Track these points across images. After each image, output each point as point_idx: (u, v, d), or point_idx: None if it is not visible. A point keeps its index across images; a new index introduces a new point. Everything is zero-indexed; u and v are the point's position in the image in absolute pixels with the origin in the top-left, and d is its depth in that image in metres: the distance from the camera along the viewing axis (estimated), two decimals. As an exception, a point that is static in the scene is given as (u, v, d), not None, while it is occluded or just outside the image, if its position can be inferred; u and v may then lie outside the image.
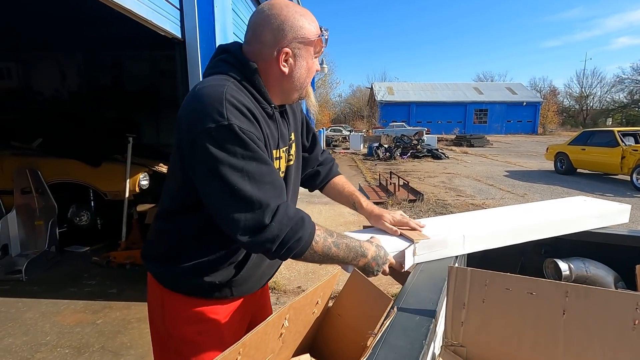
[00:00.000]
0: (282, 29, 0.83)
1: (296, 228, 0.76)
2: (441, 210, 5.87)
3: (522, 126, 39.36)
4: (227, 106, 0.74)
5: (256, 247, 0.75)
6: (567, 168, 10.02)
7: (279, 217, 0.74)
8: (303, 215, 0.80)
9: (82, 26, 4.73)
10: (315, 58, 0.91)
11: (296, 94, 0.92)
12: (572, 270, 1.24)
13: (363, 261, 0.87)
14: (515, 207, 1.41)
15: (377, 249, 0.91)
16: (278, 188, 0.78)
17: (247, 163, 0.73)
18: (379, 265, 0.90)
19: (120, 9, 1.80)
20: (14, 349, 2.30)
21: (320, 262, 0.83)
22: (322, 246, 0.81)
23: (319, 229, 0.83)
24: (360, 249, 0.87)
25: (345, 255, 0.84)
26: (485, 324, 0.78)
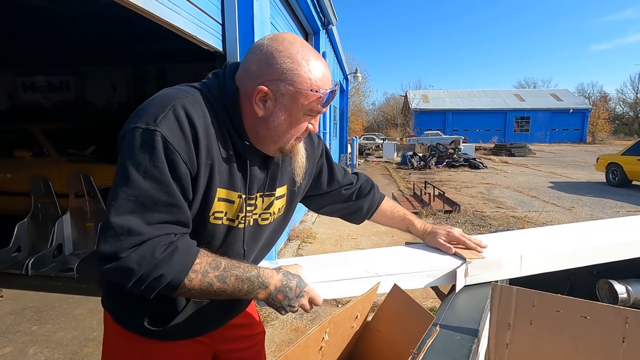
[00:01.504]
0: (269, 63, 0.70)
1: (160, 264, 0.63)
2: (479, 223, 5.63)
3: (568, 134, 37.08)
4: (168, 114, 0.66)
5: (112, 276, 0.64)
6: (621, 180, 9.28)
7: (141, 251, 0.62)
8: (177, 247, 0.66)
9: (132, 41, 5.09)
10: (307, 115, 0.75)
11: (274, 146, 0.78)
12: (630, 294, 1.14)
13: (263, 294, 0.72)
14: (576, 225, 1.30)
15: (286, 279, 0.74)
16: (172, 222, 0.66)
17: (145, 181, 0.63)
18: (290, 299, 0.73)
19: (169, 26, 1.92)
20: (64, 342, 2.47)
21: (203, 298, 0.73)
22: (199, 283, 0.67)
23: (200, 262, 0.67)
24: (259, 279, 0.71)
25: (235, 288, 0.69)
26: (532, 347, 0.74)
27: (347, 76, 14.71)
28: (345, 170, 1.11)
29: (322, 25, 6.51)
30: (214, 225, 0.76)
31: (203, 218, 0.75)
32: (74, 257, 3.73)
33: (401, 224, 1.12)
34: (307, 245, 4.63)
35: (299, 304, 0.74)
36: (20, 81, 6.66)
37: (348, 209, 1.10)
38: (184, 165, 0.66)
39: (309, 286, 0.76)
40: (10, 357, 2.31)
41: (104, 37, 4.98)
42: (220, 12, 2.59)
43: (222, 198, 0.75)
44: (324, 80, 0.73)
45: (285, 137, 0.76)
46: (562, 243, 1.08)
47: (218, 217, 0.76)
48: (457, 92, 42.47)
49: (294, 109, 0.73)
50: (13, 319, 2.76)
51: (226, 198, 0.76)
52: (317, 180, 1.02)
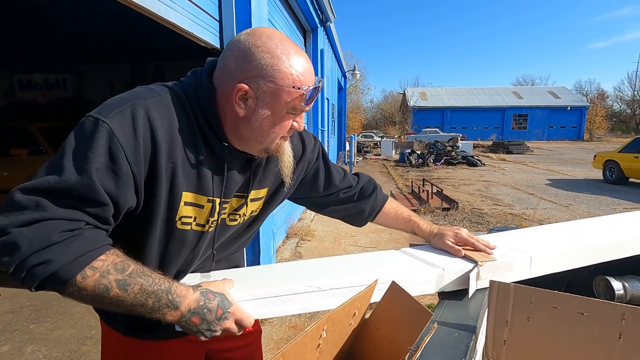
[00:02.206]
0: (248, 59, 0.66)
1: (50, 248, 0.54)
2: (477, 220, 5.64)
3: (565, 132, 37.18)
4: (125, 110, 0.62)
5: None
6: (618, 177, 9.31)
7: (36, 228, 0.54)
8: (81, 234, 0.57)
9: (130, 39, 5.06)
10: (290, 114, 0.71)
11: (258, 146, 0.74)
12: (627, 290, 1.15)
13: (173, 315, 0.61)
14: (575, 222, 1.29)
15: (204, 298, 0.63)
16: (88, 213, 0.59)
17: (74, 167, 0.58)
18: (210, 322, 0.63)
19: (166, 23, 1.90)
20: (62, 340, 2.46)
21: (95, 305, 0.61)
22: (94, 283, 0.56)
23: (106, 259, 0.58)
24: (168, 295, 0.60)
25: (136, 301, 0.59)
26: (530, 344, 0.74)
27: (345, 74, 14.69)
28: (345, 172, 1.07)
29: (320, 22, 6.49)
30: (182, 230, 0.73)
31: (170, 223, 0.71)
32: (71, 255, 3.72)
33: (406, 225, 1.07)
34: (305, 242, 4.63)
35: (222, 327, 0.64)
36: (17, 79, 6.63)
37: (349, 210, 1.05)
38: (126, 164, 0.61)
39: (235, 306, 0.65)
40: (8, 355, 2.31)
41: (101, 34, 4.95)
42: (217, 9, 2.58)
43: (189, 202, 0.71)
44: (307, 76, 0.69)
45: (270, 136, 0.72)
46: (568, 242, 1.06)
47: (186, 222, 0.73)
48: (456, 90, 42.47)
49: (277, 107, 0.69)
50: (11, 317, 2.75)
51: (193, 202, 0.72)
52: (313, 183, 0.98)
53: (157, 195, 0.67)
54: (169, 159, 0.66)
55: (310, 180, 0.98)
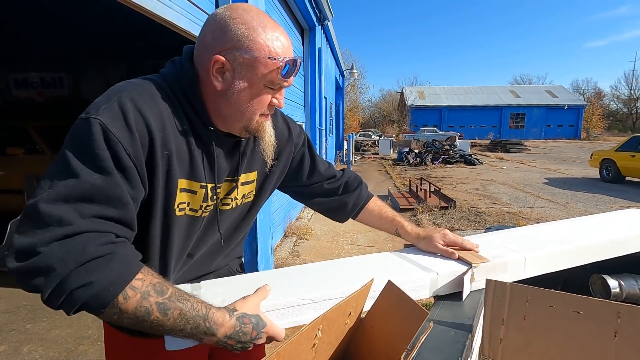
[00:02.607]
0: (224, 32, 0.66)
1: (91, 267, 0.52)
2: (475, 219, 5.66)
3: (563, 131, 37.32)
4: (113, 104, 0.61)
5: (25, 283, 0.52)
6: (614, 176, 9.36)
7: (68, 245, 0.51)
8: (117, 252, 0.55)
9: (127, 38, 5.03)
10: (269, 88, 0.70)
11: (238, 123, 0.73)
12: (623, 288, 1.15)
13: (210, 339, 0.61)
14: (569, 221, 1.29)
15: (240, 323, 0.62)
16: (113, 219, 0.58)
17: (83, 169, 0.55)
18: (244, 343, 0.63)
19: (162, 21, 1.89)
20: (59, 340, 2.45)
21: (133, 327, 0.57)
22: (135, 305, 0.54)
23: (142, 279, 0.56)
24: (206, 322, 0.59)
25: (175, 326, 0.57)
26: (526, 342, 0.74)
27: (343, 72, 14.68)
28: (330, 164, 1.07)
29: (318, 20, 6.48)
30: (179, 217, 0.73)
31: (168, 211, 0.71)
32: (68, 255, 3.70)
33: (389, 225, 1.05)
34: (303, 241, 4.63)
35: (256, 344, 0.65)
36: (13, 77, 6.58)
37: (332, 203, 1.05)
38: (127, 157, 0.60)
39: (269, 325, 0.65)
40: (5, 355, 2.30)
41: (97, 32, 4.92)
42: (213, 6, 2.57)
43: (184, 189, 0.71)
44: (284, 49, 0.68)
45: (248, 111, 0.71)
46: (563, 241, 1.06)
47: (182, 209, 0.73)
48: (453, 89, 42.53)
49: (254, 79, 0.68)
50: (7, 317, 2.74)
51: (188, 189, 0.72)
52: (298, 170, 0.98)
53: (155, 184, 0.66)
54: (164, 147, 0.66)
55: (295, 167, 0.98)
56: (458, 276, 0.86)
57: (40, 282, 0.50)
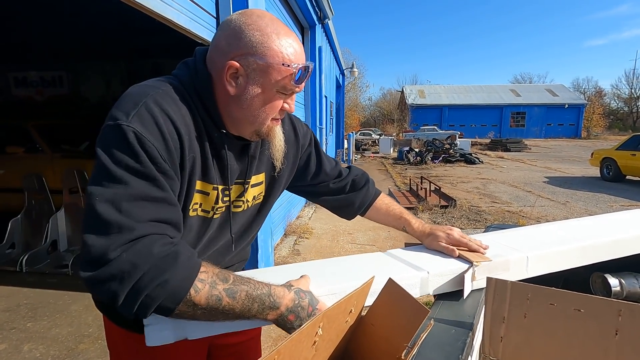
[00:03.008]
0: (238, 37, 0.67)
1: (161, 266, 0.54)
2: (475, 217, 5.66)
3: (563, 130, 37.31)
4: (141, 109, 0.61)
5: (99, 290, 0.54)
6: (615, 174, 9.36)
7: (135, 249, 0.54)
8: (179, 250, 0.58)
9: (126, 36, 5.02)
10: (281, 93, 0.71)
11: (250, 128, 0.74)
12: (624, 287, 1.15)
13: (274, 314, 0.64)
14: (573, 221, 1.28)
15: (297, 297, 0.65)
16: (165, 221, 0.60)
17: (129, 176, 0.57)
18: (302, 319, 0.65)
19: (162, 19, 1.89)
20: (60, 338, 2.46)
21: (206, 319, 0.60)
22: (206, 295, 0.57)
23: (206, 271, 0.60)
24: (270, 298, 0.63)
25: (244, 307, 0.60)
26: (527, 340, 0.74)
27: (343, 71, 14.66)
28: (337, 162, 1.07)
29: (318, 19, 6.47)
30: (191, 217, 0.74)
31: (184, 212, 0.72)
32: (68, 253, 3.70)
33: (397, 222, 1.06)
34: (303, 240, 4.64)
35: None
36: (13, 76, 6.57)
37: (339, 201, 1.05)
38: (163, 162, 0.61)
39: (321, 302, 0.68)
40: (5, 354, 2.30)
41: (97, 31, 4.91)
42: (214, 5, 2.56)
43: (198, 190, 0.73)
44: (297, 55, 0.69)
45: (260, 116, 0.72)
46: (567, 241, 1.05)
47: (194, 209, 0.74)
48: (454, 88, 42.52)
49: (267, 85, 0.69)
50: (8, 315, 2.74)
51: (201, 190, 0.73)
52: (304, 170, 0.99)
53: (181, 184, 0.68)
54: (190, 149, 0.68)
55: (302, 167, 0.99)
56: (458, 275, 0.85)
57: (115, 287, 0.53)
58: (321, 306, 0.68)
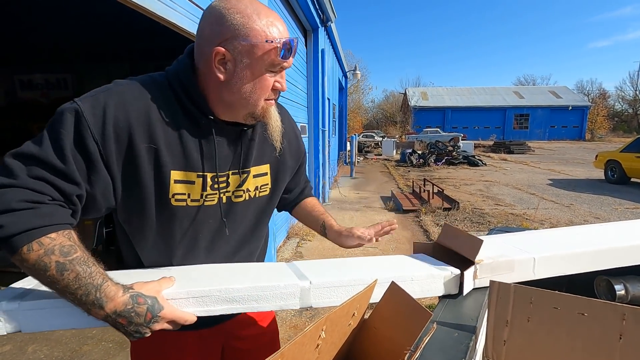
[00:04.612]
0: (221, 23, 0.68)
1: (7, 214, 0.56)
2: (478, 220, 5.63)
3: (567, 132, 37.11)
4: (97, 95, 0.67)
5: None
6: (620, 177, 9.29)
7: (2, 194, 0.57)
8: (42, 208, 0.59)
9: (130, 39, 5.06)
10: (269, 72, 0.72)
11: (243, 110, 0.74)
12: (628, 290, 1.14)
13: (100, 313, 0.61)
14: (586, 227, 1.27)
15: (132, 301, 0.61)
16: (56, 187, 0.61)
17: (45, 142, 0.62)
18: (138, 325, 0.62)
19: (165, 22, 1.91)
20: (63, 340, 2.47)
21: (34, 277, 0.61)
22: (36, 259, 0.58)
23: (56, 238, 0.59)
24: (97, 293, 0.60)
25: (67, 287, 0.59)
26: (530, 344, 0.74)
27: (346, 74, 14.68)
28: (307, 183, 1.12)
29: (321, 22, 6.49)
30: (177, 207, 0.74)
31: (164, 202, 0.73)
32: (72, 255, 3.72)
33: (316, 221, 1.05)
34: (306, 242, 4.63)
35: (152, 329, 0.63)
36: (18, 79, 6.64)
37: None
38: (93, 143, 0.63)
39: (167, 309, 0.63)
40: (10, 355, 2.31)
41: (101, 34, 4.95)
42: (218, 9, 2.58)
43: (179, 180, 0.72)
44: (280, 32, 0.70)
45: (252, 98, 0.72)
46: (579, 244, 1.03)
47: (180, 199, 0.74)
48: (457, 90, 42.44)
49: (255, 65, 0.70)
50: (12, 317, 2.75)
51: (184, 179, 0.73)
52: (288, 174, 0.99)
53: (142, 176, 0.69)
54: (149, 139, 0.68)
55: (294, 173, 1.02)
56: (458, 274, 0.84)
57: None
58: (165, 313, 0.63)
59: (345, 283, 0.76)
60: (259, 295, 0.71)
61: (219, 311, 0.70)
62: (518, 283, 0.89)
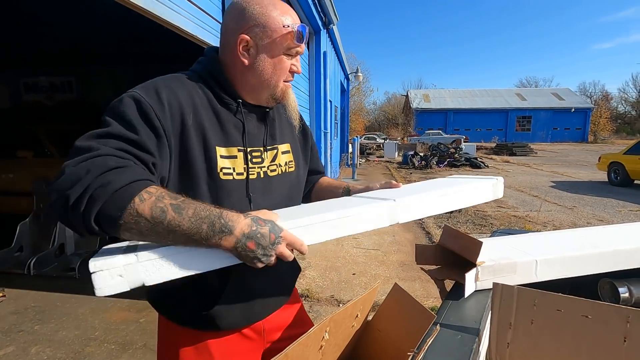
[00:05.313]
0: (243, 15, 0.78)
1: (111, 172, 0.58)
2: (480, 222, 5.62)
3: (570, 134, 36.99)
4: (148, 85, 0.74)
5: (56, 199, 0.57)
6: (623, 179, 9.24)
7: (92, 160, 0.59)
8: (134, 166, 0.63)
9: (135, 43, 5.09)
10: (286, 55, 0.82)
11: (265, 92, 0.84)
12: (632, 293, 1.13)
13: (229, 241, 0.61)
14: (593, 229, 1.26)
15: (255, 223, 0.63)
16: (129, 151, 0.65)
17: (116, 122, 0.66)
18: (265, 248, 0.63)
19: (170, 26, 1.92)
20: (67, 342, 2.47)
21: (155, 238, 0.61)
22: (151, 206, 0.58)
23: (157, 188, 0.62)
24: (221, 220, 0.61)
25: (191, 225, 0.59)
26: (534, 346, 0.73)
27: (348, 76, 14.70)
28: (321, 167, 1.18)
29: (323, 24, 6.51)
30: (225, 180, 0.80)
31: (213, 175, 0.78)
32: (76, 257, 3.73)
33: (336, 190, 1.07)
34: (308, 245, 4.62)
35: (277, 251, 0.64)
36: (23, 82, 6.69)
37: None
38: (157, 120, 0.69)
39: (286, 231, 0.66)
40: (13, 356, 2.32)
41: (106, 37, 4.99)
42: (220, 12, 2.60)
43: (224, 155, 0.79)
44: (293, 19, 0.80)
45: (273, 79, 0.82)
46: (583, 247, 1.03)
47: (227, 173, 0.80)
48: (459, 92, 42.40)
49: (273, 49, 0.79)
50: (15, 318, 2.77)
51: (227, 155, 0.80)
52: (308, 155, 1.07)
53: (193, 152, 0.75)
54: (195, 119, 0.76)
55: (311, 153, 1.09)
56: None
57: (67, 189, 0.56)
58: (285, 234, 0.65)
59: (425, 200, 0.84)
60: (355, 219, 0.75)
61: (325, 237, 0.72)
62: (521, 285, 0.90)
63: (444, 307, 0.83)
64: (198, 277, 0.65)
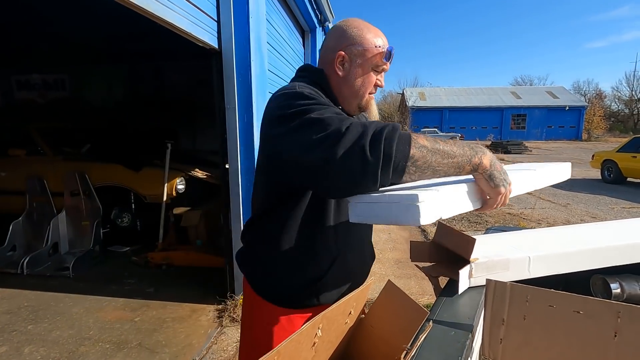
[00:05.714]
0: (343, 35, 0.91)
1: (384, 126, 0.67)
2: (475, 220, 5.65)
3: (564, 132, 37.24)
4: (300, 84, 0.85)
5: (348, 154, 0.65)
6: (616, 177, 9.34)
7: (356, 122, 0.69)
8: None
9: (128, 40, 5.05)
10: (374, 71, 0.93)
11: (355, 102, 0.95)
12: (624, 289, 1.15)
13: (487, 158, 0.73)
14: (586, 225, 1.28)
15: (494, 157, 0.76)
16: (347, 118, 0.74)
17: (311, 104, 0.75)
18: (503, 174, 0.75)
19: (164, 23, 1.90)
20: (60, 341, 2.46)
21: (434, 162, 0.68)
22: (424, 138, 0.69)
23: None
24: (475, 146, 0.74)
25: (459, 150, 0.70)
26: (526, 342, 0.74)
27: (344, 74, 14.64)
28: None
29: (319, 22, 6.49)
30: None
31: None
32: (69, 256, 3.71)
33: None
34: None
35: (507, 183, 0.76)
36: (15, 79, 6.61)
37: None
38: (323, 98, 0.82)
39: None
40: (6, 356, 2.30)
41: (99, 35, 4.93)
42: (215, 9, 2.57)
43: None
44: (383, 42, 0.92)
45: (361, 90, 0.93)
46: (574, 243, 1.04)
47: None
48: (454, 90, 42.51)
49: (365, 65, 0.91)
50: (8, 318, 2.74)
51: None
52: None
53: None
54: None
55: None
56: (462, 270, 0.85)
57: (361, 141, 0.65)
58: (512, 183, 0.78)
59: None
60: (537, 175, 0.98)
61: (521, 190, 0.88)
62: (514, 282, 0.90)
63: (438, 303, 0.83)
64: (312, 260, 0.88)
